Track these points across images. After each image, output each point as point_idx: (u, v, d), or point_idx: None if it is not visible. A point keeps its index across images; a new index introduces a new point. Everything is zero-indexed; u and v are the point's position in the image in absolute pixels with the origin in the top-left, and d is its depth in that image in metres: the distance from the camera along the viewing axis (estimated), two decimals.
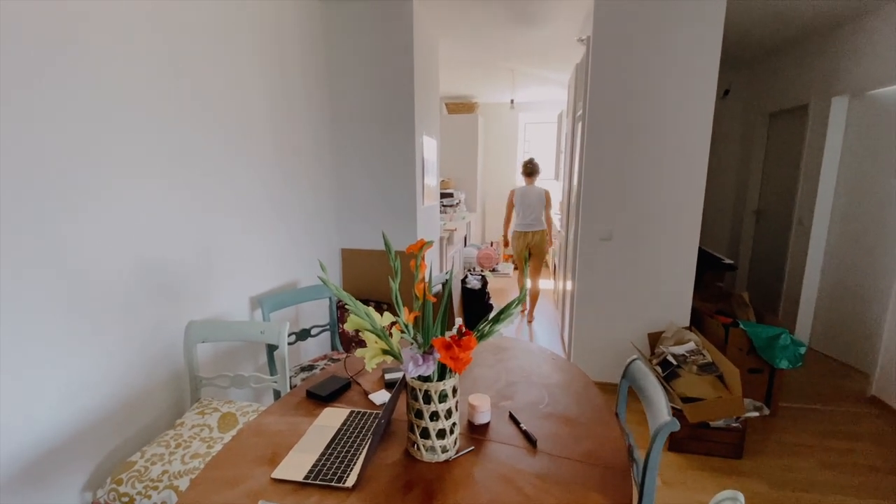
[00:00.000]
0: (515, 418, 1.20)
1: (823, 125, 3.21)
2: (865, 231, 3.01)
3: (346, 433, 1.14)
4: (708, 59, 2.41)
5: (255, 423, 1.20)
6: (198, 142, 1.76)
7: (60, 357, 1.30)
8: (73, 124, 1.30)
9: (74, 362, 1.35)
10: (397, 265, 1.01)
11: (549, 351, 1.66)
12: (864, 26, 2.88)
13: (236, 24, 1.95)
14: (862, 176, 3.03)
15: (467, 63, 4.22)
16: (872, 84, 2.81)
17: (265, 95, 2.17)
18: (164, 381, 1.68)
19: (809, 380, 2.94)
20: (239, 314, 2.07)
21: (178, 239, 1.70)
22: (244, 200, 2.06)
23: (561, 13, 2.90)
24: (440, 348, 0.88)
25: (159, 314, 1.63)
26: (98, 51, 1.35)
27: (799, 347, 2.30)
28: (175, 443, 1.42)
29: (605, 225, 2.70)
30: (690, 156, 2.53)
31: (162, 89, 1.59)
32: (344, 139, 2.88)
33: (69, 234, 1.30)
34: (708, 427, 2.14)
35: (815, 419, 2.49)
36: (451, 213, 5.10)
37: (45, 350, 1.26)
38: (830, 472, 2.06)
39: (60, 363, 1.30)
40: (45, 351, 1.26)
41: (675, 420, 1.05)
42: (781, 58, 3.74)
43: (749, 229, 4.29)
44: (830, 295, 3.28)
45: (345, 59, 2.77)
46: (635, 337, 2.80)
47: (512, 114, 6.46)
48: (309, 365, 2.12)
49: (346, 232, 3.01)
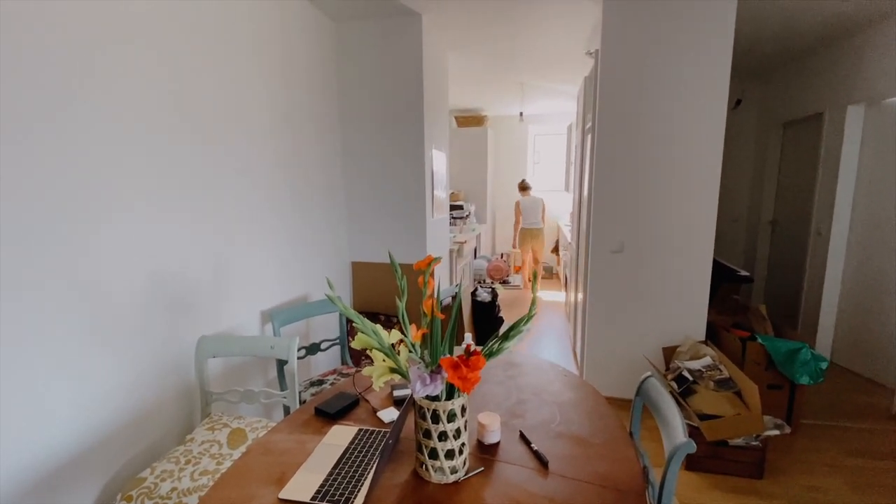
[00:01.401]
0: (526, 438, 1.18)
1: (839, 134, 3.15)
2: (886, 241, 2.93)
3: (353, 452, 1.13)
4: (718, 69, 2.39)
5: (263, 440, 1.20)
6: (209, 160, 1.79)
7: (72, 372, 1.32)
8: (88, 146, 1.33)
9: (86, 377, 1.36)
10: (404, 284, 1.01)
11: (560, 367, 1.63)
12: (877, 34, 2.84)
13: (248, 46, 1.99)
14: (881, 184, 2.96)
15: (476, 77, 4.26)
16: (889, 92, 2.76)
17: (276, 113, 2.21)
18: (175, 395, 1.69)
19: (831, 396, 2.84)
20: (250, 328, 2.08)
21: (189, 254, 1.72)
22: (255, 215, 2.09)
23: (569, 27, 2.92)
24: (448, 368, 0.87)
25: (170, 329, 1.65)
26: (113, 77, 1.39)
27: (820, 362, 2.23)
28: (185, 459, 1.41)
29: (616, 237, 2.67)
30: (703, 166, 2.50)
31: (172, 109, 1.62)
32: (354, 153, 2.91)
33: (82, 250, 1.33)
34: (726, 445, 2.07)
35: (839, 437, 2.40)
36: (460, 226, 5.10)
37: (56, 365, 1.28)
38: (857, 494, 1.97)
39: (72, 378, 1.32)
40: (57, 366, 1.28)
41: (691, 441, 1.01)
42: (794, 67, 3.70)
43: (765, 240, 4.21)
44: (851, 307, 3.19)
45: (355, 75, 2.82)
46: (649, 351, 2.74)
47: (521, 126, 6.48)
48: (318, 380, 2.12)
49: (356, 245, 3.03)
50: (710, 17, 2.36)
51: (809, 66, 3.52)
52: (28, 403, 1.21)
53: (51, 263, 1.24)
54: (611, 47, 2.50)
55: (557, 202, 6.50)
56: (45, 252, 1.22)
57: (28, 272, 1.18)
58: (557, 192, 6.51)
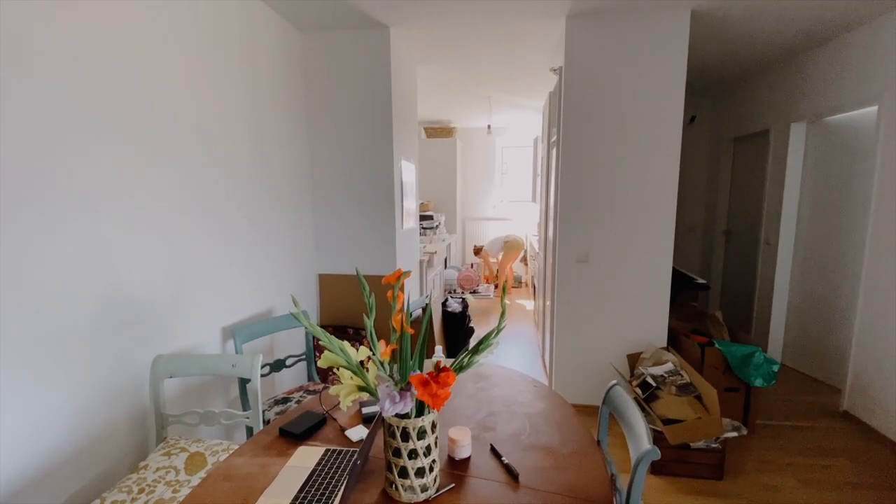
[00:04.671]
0: (497, 451, 1.17)
1: (784, 149, 3.37)
2: (828, 250, 3.14)
3: (320, 474, 1.09)
4: (674, 86, 2.52)
5: (223, 465, 1.14)
6: (168, 171, 1.72)
7: (12, 396, 1.22)
8: (46, 147, 1.25)
9: (28, 401, 1.26)
10: (372, 301, 0.99)
11: (529, 378, 1.64)
12: (817, 57, 3.07)
13: (212, 54, 1.94)
14: (823, 196, 3.18)
15: (444, 89, 4.30)
16: (828, 111, 2.98)
17: (240, 122, 2.15)
18: (128, 419, 1.59)
19: (784, 397, 3.00)
20: (210, 346, 1.99)
21: (147, 267, 1.63)
22: (216, 227, 2.01)
23: (534, 44, 3.00)
24: (417, 385, 0.85)
25: (123, 347, 1.55)
26: (70, 75, 1.32)
27: (772, 365, 2.35)
28: (138, 488, 1.33)
29: (581, 247, 2.74)
30: (661, 179, 2.61)
31: (135, 114, 1.55)
32: (322, 163, 2.86)
33: (31, 259, 1.23)
34: (689, 448, 2.14)
35: (792, 437, 2.53)
36: (430, 236, 5.10)
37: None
38: (810, 490, 2.08)
39: (12, 403, 1.22)
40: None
41: (655, 449, 1.04)
42: (743, 86, 3.94)
43: (720, 249, 4.42)
44: (799, 313, 3.39)
45: (323, 86, 2.79)
46: (615, 358, 2.81)
47: (489, 138, 6.58)
48: (284, 397, 2.05)
49: (324, 257, 2.97)
50: (666, 38, 2.49)
51: (756, 85, 3.76)
52: None
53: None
54: (573, 64, 2.59)
55: (525, 213, 6.62)
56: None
57: None
58: (525, 203, 6.63)
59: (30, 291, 1.24)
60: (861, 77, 2.70)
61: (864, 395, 2.62)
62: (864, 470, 2.23)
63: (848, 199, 2.99)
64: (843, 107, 2.84)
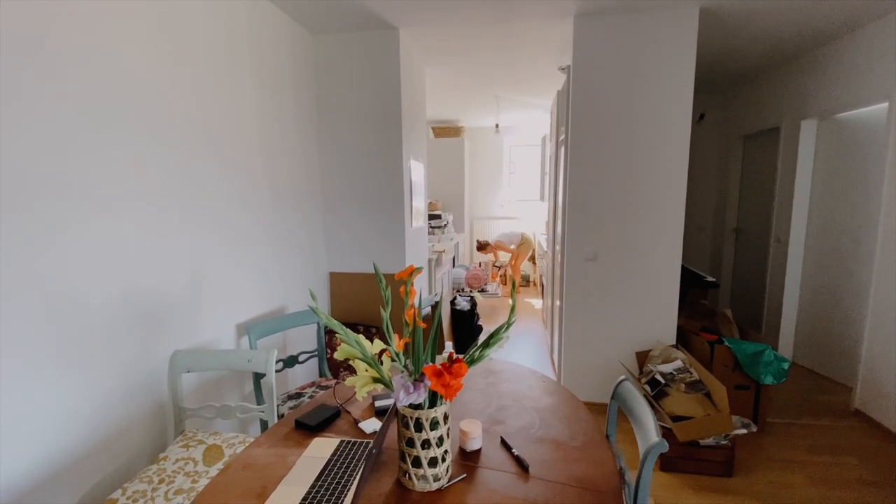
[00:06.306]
0: (507, 443, 1.20)
1: (794, 147, 3.35)
2: (840, 247, 3.12)
3: (336, 464, 1.12)
4: (683, 84, 2.52)
5: (242, 455, 1.18)
6: (186, 172, 1.77)
7: (36, 391, 1.27)
8: (59, 147, 1.30)
9: (52, 395, 1.31)
10: (388, 294, 1.02)
11: (539, 373, 1.66)
12: (828, 53, 3.05)
13: (225, 57, 1.98)
14: (834, 194, 3.16)
15: (453, 89, 4.33)
16: (839, 108, 2.96)
17: (253, 124, 2.20)
18: (147, 413, 1.64)
19: (794, 395, 2.98)
20: (226, 342, 2.04)
21: (164, 266, 1.68)
22: (231, 227, 2.06)
23: (542, 43, 3.01)
24: (431, 376, 0.88)
25: (143, 343, 1.60)
26: (82, 75, 1.37)
27: (783, 363, 2.34)
28: (158, 478, 1.37)
29: (589, 245, 2.75)
30: (670, 177, 2.61)
31: (148, 115, 1.60)
32: (332, 164, 2.91)
33: (51, 259, 1.28)
34: (698, 445, 2.15)
35: (802, 434, 2.52)
36: (439, 235, 5.12)
37: (20, 384, 1.22)
38: (821, 488, 2.07)
39: (37, 397, 1.27)
40: (21, 385, 1.23)
41: (664, 441, 1.06)
42: (752, 83, 3.92)
43: (730, 247, 4.40)
44: (810, 310, 3.37)
45: (333, 87, 2.83)
46: (624, 356, 2.82)
47: (497, 137, 6.59)
48: (297, 393, 2.09)
49: (334, 255, 3.01)
50: (674, 36, 2.49)
51: (766, 82, 3.74)
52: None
53: (19, 273, 1.19)
54: (582, 63, 2.60)
55: (533, 212, 6.62)
56: (13, 260, 1.18)
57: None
58: (533, 202, 6.63)
59: (53, 290, 1.29)
60: (872, 73, 2.68)
61: (875, 393, 2.61)
62: (874, 468, 2.22)
63: (859, 195, 2.97)
64: (854, 103, 2.82)
